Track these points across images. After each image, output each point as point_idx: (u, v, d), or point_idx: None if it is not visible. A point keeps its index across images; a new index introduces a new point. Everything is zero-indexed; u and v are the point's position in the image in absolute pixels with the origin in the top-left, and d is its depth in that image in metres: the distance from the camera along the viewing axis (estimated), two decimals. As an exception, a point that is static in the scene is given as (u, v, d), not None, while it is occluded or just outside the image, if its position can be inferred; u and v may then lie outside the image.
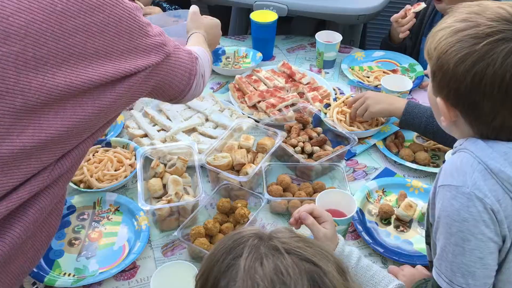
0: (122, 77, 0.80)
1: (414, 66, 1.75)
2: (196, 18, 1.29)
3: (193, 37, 1.24)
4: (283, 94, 1.58)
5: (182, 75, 0.99)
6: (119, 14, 0.78)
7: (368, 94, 1.41)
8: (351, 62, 1.80)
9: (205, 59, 1.11)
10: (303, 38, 1.98)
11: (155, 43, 0.86)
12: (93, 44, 0.75)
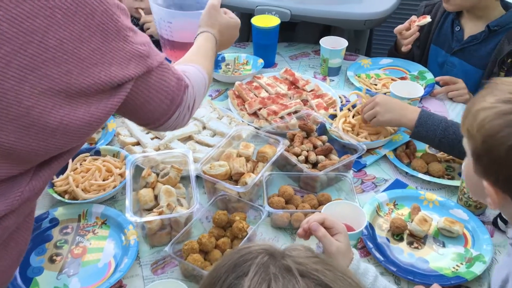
0: (91, 86, 0.66)
1: (424, 74, 1.65)
2: (214, 14, 1.12)
3: (201, 39, 1.09)
4: (286, 101, 1.49)
5: (160, 101, 0.81)
6: (92, 5, 0.65)
7: (378, 99, 1.30)
8: (357, 70, 1.71)
9: (199, 85, 0.94)
10: (307, 45, 1.90)
11: (135, 52, 0.72)
12: (55, 34, 0.62)
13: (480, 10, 1.57)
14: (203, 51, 1.05)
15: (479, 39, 1.58)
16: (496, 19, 1.55)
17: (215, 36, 1.10)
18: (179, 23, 1.24)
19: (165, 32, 1.28)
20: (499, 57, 1.52)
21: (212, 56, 1.07)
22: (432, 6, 1.75)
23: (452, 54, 1.65)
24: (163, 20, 1.26)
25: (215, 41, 1.10)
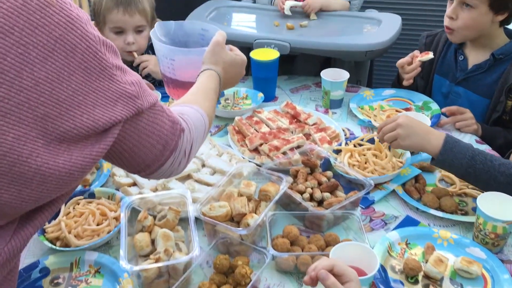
0: (72, 131, 0.60)
1: (429, 104, 1.61)
2: (218, 50, 1.07)
3: (204, 77, 1.03)
4: (288, 135, 1.44)
5: (152, 146, 0.74)
6: (73, 42, 0.59)
7: (401, 120, 1.19)
8: (360, 101, 1.67)
9: (198, 128, 0.86)
10: (307, 78, 1.87)
11: (122, 92, 0.65)
12: (30, 74, 0.56)
13: (484, 39, 1.54)
14: (205, 90, 0.99)
15: (484, 68, 1.54)
16: (500, 47, 1.52)
17: (219, 74, 1.05)
18: (182, 61, 1.19)
19: (167, 70, 1.23)
20: (506, 86, 1.48)
21: (214, 96, 1.00)
22: (434, 36, 1.72)
23: (457, 83, 1.62)
24: (165, 57, 1.21)
25: (218, 79, 1.04)
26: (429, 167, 1.32)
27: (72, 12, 0.60)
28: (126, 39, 1.63)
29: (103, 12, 1.61)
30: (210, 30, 1.23)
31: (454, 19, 1.50)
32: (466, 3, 1.46)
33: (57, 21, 0.58)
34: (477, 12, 1.46)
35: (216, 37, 1.10)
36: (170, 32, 1.27)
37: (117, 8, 1.59)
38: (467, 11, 1.47)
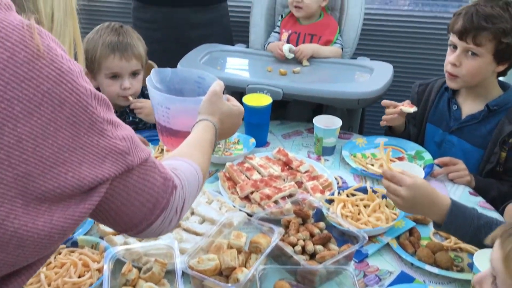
0: (55, 190, 0.56)
1: (422, 154, 1.60)
2: (215, 100, 1.05)
3: (200, 128, 1.00)
4: (279, 183, 1.41)
5: (141, 204, 0.70)
6: (61, 96, 0.56)
7: (404, 193, 1.11)
8: (352, 149, 1.65)
9: (192, 184, 0.83)
10: (300, 124, 1.86)
11: (112, 147, 0.62)
12: (12, 130, 0.53)
13: (480, 89, 1.55)
14: (200, 142, 0.96)
15: (478, 119, 1.55)
16: (495, 98, 1.53)
17: (215, 124, 1.02)
18: (178, 109, 1.16)
19: (162, 118, 1.19)
20: (500, 137, 1.48)
21: (209, 148, 0.97)
22: (426, 85, 1.74)
23: (451, 132, 1.62)
24: (160, 105, 1.18)
25: (215, 130, 1.01)
26: (423, 220, 1.30)
27: (63, 64, 0.58)
28: (123, 84, 1.61)
29: (98, 59, 1.59)
30: (207, 79, 1.21)
31: (457, 66, 1.50)
32: (471, 51, 1.47)
33: (46, 74, 0.56)
34: (482, 61, 1.46)
35: (213, 86, 1.07)
36: (166, 79, 1.25)
37: (114, 54, 1.58)
38: (472, 59, 1.47)
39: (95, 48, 1.59)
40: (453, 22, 1.51)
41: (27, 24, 0.58)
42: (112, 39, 1.59)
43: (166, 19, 2.23)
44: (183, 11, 2.23)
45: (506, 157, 1.50)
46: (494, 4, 1.44)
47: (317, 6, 2.09)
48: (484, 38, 1.44)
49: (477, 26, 1.43)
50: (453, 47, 1.52)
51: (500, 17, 1.42)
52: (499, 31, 1.42)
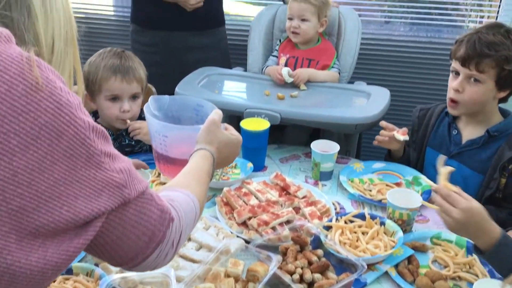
0: (49, 225, 0.55)
1: (419, 179, 1.60)
2: (213, 130, 1.04)
3: (197, 157, 0.99)
4: (277, 209, 1.40)
5: (137, 237, 0.68)
6: (59, 128, 0.56)
7: (462, 205, 1.10)
8: (350, 174, 1.65)
9: (189, 216, 0.81)
10: (297, 148, 1.86)
11: (109, 180, 0.61)
12: (8, 164, 0.52)
13: (481, 115, 1.56)
14: (197, 172, 0.95)
15: (479, 144, 1.56)
16: (495, 124, 1.54)
17: (213, 154, 1.01)
18: (176, 138, 1.16)
19: (159, 146, 1.19)
20: (500, 163, 1.48)
21: (207, 178, 0.96)
22: (427, 110, 1.75)
23: (451, 157, 1.62)
24: (158, 133, 1.18)
25: (212, 159, 1.01)
26: (421, 247, 1.29)
27: (62, 97, 0.58)
28: (122, 106, 1.62)
29: (99, 81, 1.60)
30: (205, 106, 1.22)
31: (460, 92, 1.51)
32: (474, 77, 1.48)
33: (44, 107, 0.56)
34: (484, 87, 1.48)
35: (212, 115, 1.07)
36: (164, 107, 1.25)
37: (115, 76, 1.59)
38: (474, 86, 1.49)
39: (97, 70, 1.61)
40: (456, 48, 1.52)
41: (26, 56, 0.58)
42: (114, 61, 1.61)
43: (165, 42, 2.25)
44: (181, 35, 2.25)
45: (506, 183, 1.51)
46: (496, 31, 1.46)
47: (314, 32, 2.11)
48: (486, 65, 1.45)
49: (479, 53, 1.45)
50: (455, 73, 1.53)
51: (502, 45, 1.44)
52: (501, 58, 1.44)
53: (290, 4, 2.12)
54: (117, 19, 2.82)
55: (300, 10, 2.08)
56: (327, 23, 2.13)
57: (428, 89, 2.61)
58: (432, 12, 2.62)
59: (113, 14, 2.86)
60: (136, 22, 2.31)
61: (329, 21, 2.17)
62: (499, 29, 1.47)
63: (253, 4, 2.97)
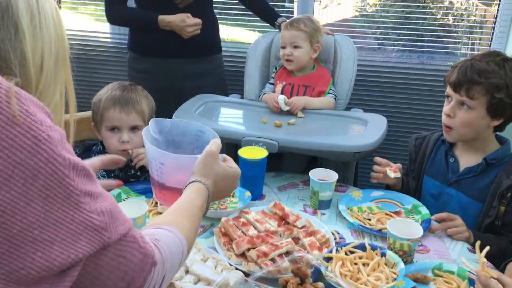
0: (20, 272, 0.51)
1: (419, 208, 1.59)
2: (210, 162, 1.00)
3: (191, 191, 0.95)
4: (276, 240, 1.38)
5: (114, 284, 0.63)
6: (36, 166, 0.52)
7: None
8: (349, 203, 1.64)
9: (174, 257, 0.76)
10: (295, 176, 1.85)
11: (87, 223, 0.57)
12: None
13: (477, 142, 1.57)
14: (189, 208, 0.91)
15: (476, 172, 1.56)
16: (492, 152, 1.54)
17: (209, 187, 0.98)
18: (173, 166, 1.13)
19: (155, 172, 1.17)
20: (499, 191, 1.48)
21: (199, 214, 0.93)
22: (423, 139, 1.76)
23: (449, 185, 1.62)
24: (155, 160, 1.16)
25: (207, 193, 0.97)
26: (423, 279, 1.27)
27: (42, 132, 0.54)
28: (121, 137, 1.63)
29: (101, 111, 1.64)
30: (207, 132, 1.21)
31: (451, 117, 1.53)
32: (465, 103, 1.50)
33: (20, 143, 0.52)
34: (475, 114, 1.49)
35: (210, 146, 1.05)
36: (164, 130, 1.25)
37: (114, 106, 1.62)
38: (465, 111, 1.51)
39: (100, 101, 1.65)
40: (449, 74, 1.55)
41: (5, 88, 0.54)
42: (116, 93, 1.65)
43: (161, 70, 2.26)
44: (178, 62, 2.26)
45: (505, 211, 1.50)
46: (491, 60, 1.47)
47: (308, 58, 2.13)
48: (476, 92, 1.47)
49: (470, 79, 1.47)
50: (448, 97, 1.55)
51: (493, 73, 1.45)
52: (491, 86, 1.45)
53: (282, 32, 2.15)
54: (114, 46, 2.84)
55: (292, 38, 2.10)
56: (320, 48, 2.15)
57: (423, 115, 2.62)
58: (425, 39, 2.66)
59: (110, 41, 2.87)
60: (133, 50, 2.32)
61: (325, 49, 2.20)
62: (495, 58, 1.49)
63: (249, 30, 3.00)
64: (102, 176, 1.71)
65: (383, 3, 2.86)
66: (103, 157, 1.36)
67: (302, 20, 2.13)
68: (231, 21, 2.85)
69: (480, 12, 2.67)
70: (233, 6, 2.71)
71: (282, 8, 2.74)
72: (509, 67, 1.47)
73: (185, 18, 2.10)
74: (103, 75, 2.87)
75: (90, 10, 3.00)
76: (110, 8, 2.22)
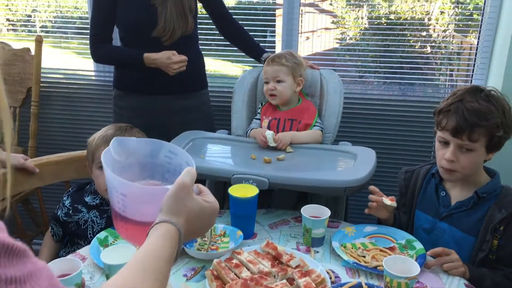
0: None
1: (413, 243, 1.57)
2: (182, 197, 0.84)
3: (158, 235, 0.79)
4: (271, 281, 1.34)
5: None
6: None
7: None
8: (342, 239, 1.61)
9: None
10: (286, 212, 1.82)
11: None
12: None
13: (469, 177, 1.56)
14: (152, 262, 0.75)
15: (468, 206, 1.55)
16: (483, 186, 1.54)
17: (180, 229, 0.82)
18: (137, 198, 0.95)
19: (117, 204, 0.97)
20: (491, 225, 1.47)
21: (167, 266, 0.77)
22: (412, 172, 1.75)
23: (441, 219, 1.61)
24: (115, 190, 0.95)
25: (178, 236, 0.82)
26: (422, 318, 1.24)
27: None
28: None
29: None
30: (179, 155, 1.03)
31: (454, 162, 1.52)
32: (465, 147, 1.49)
33: None
34: (476, 154, 1.50)
35: (182, 177, 0.87)
36: (128, 151, 1.05)
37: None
38: (467, 154, 1.50)
39: (93, 141, 1.66)
40: (442, 119, 1.53)
41: None
42: (109, 132, 1.65)
43: (147, 106, 2.24)
44: (164, 99, 2.25)
45: (498, 245, 1.49)
46: (478, 98, 1.48)
47: (291, 92, 2.14)
48: (478, 134, 1.47)
49: (471, 123, 1.46)
50: (444, 143, 1.54)
51: (491, 113, 1.46)
52: (493, 127, 1.46)
53: (265, 68, 2.17)
54: (99, 84, 2.82)
55: (274, 72, 2.12)
56: (303, 82, 2.16)
57: (410, 145, 2.64)
58: (404, 70, 2.69)
59: (95, 78, 2.85)
60: (119, 88, 2.30)
61: (311, 83, 2.21)
62: (480, 94, 1.50)
63: (233, 63, 3.01)
64: (95, 217, 1.67)
65: (362, 35, 2.91)
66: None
67: (283, 55, 2.15)
68: (215, 52, 2.85)
69: (457, 43, 2.73)
70: (218, 41, 2.71)
71: (263, 40, 2.77)
72: (496, 101, 1.49)
73: (170, 56, 2.10)
74: (88, 113, 2.84)
75: (73, 46, 2.99)
76: (95, 48, 2.21)
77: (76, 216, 1.69)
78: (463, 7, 2.62)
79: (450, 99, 1.54)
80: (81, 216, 1.69)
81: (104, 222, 1.68)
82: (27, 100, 2.69)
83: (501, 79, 2.30)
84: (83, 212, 1.70)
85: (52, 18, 3.01)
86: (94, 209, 1.69)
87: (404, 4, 2.71)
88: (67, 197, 1.75)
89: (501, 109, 1.48)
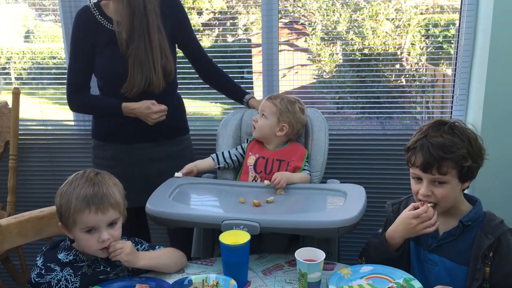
0: None
1: (411, 282, 1.53)
2: None
3: None
4: (270, 333, 1.28)
5: None
6: None
7: None
8: (339, 282, 1.56)
9: None
10: (279, 256, 1.77)
11: None
12: None
13: (451, 208, 1.58)
14: None
15: (455, 235, 1.57)
16: (466, 214, 1.57)
17: None
18: None
19: None
20: (480, 252, 1.48)
21: None
22: (399, 204, 1.76)
23: (430, 251, 1.60)
24: None
25: None
26: None
27: None
28: (101, 237, 1.49)
29: (72, 215, 1.48)
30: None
31: (430, 196, 1.54)
32: (437, 180, 1.52)
33: None
34: (450, 186, 1.52)
35: None
36: None
37: (89, 208, 1.47)
38: (441, 187, 1.52)
39: (69, 203, 1.48)
40: (411, 156, 1.56)
41: None
42: (87, 191, 1.48)
43: (127, 155, 2.20)
44: (144, 147, 2.20)
45: (491, 272, 1.49)
46: (442, 132, 1.52)
47: (270, 132, 2.14)
48: (446, 167, 1.50)
49: (437, 158, 1.49)
50: (417, 179, 1.57)
51: (455, 144, 1.50)
52: (459, 158, 1.49)
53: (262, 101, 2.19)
54: (79, 133, 2.76)
55: (263, 107, 2.16)
56: (287, 129, 2.13)
57: (395, 179, 2.64)
58: (381, 101, 2.72)
59: (74, 128, 2.80)
60: (97, 137, 2.25)
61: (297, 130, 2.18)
62: (444, 127, 1.53)
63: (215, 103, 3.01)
64: (69, 275, 1.55)
65: (338, 71, 2.95)
66: None
67: (281, 97, 2.16)
68: (194, 91, 2.83)
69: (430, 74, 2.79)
70: (196, 80, 2.68)
71: (240, 80, 2.78)
72: (460, 133, 1.52)
73: (150, 105, 2.06)
74: (68, 164, 2.77)
75: (50, 94, 2.95)
76: (72, 97, 2.16)
77: (48, 276, 1.54)
78: (432, 40, 2.69)
79: (416, 136, 1.58)
80: (54, 275, 1.54)
81: (79, 280, 1.54)
82: (4, 154, 2.62)
83: (481, 110, 2.34)
84: (56, 270, 1.55)
85: (28, 66, 2.98)
86: (68, 266, 1.56)
87: (376, 39, 2.77)
88: (39, 256, 1.61)
89: (466, 139, 1.51)
